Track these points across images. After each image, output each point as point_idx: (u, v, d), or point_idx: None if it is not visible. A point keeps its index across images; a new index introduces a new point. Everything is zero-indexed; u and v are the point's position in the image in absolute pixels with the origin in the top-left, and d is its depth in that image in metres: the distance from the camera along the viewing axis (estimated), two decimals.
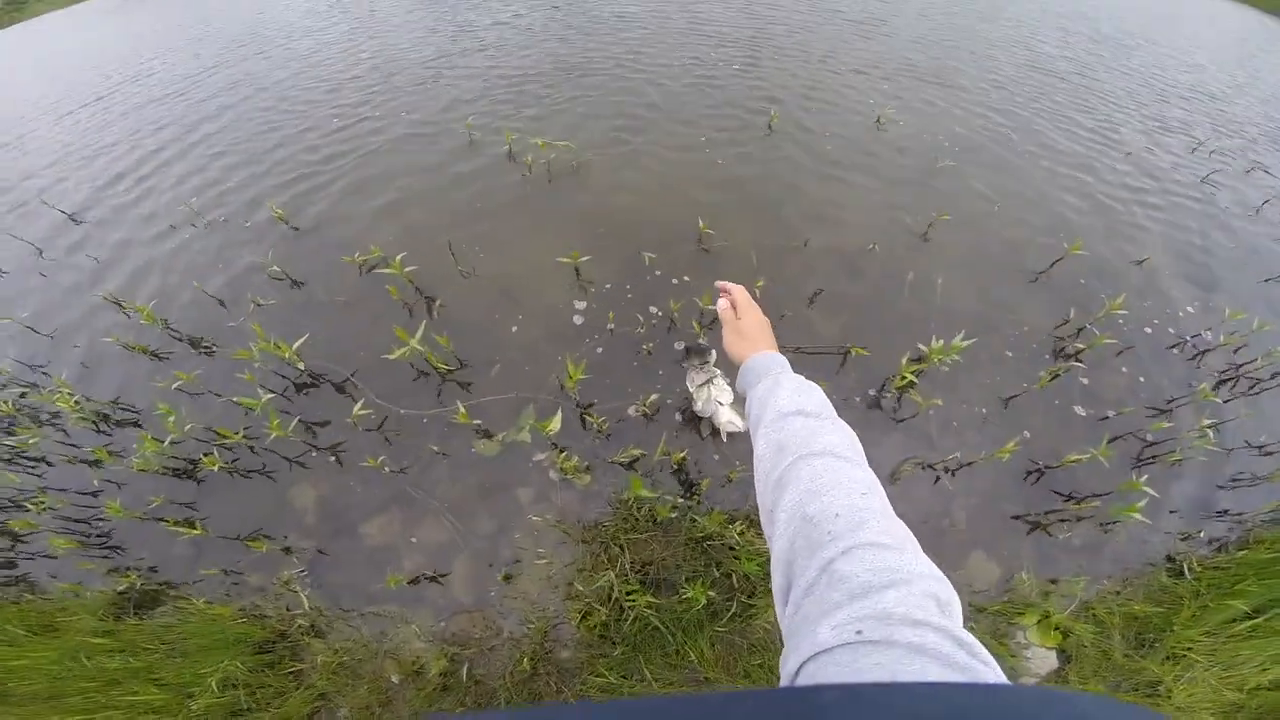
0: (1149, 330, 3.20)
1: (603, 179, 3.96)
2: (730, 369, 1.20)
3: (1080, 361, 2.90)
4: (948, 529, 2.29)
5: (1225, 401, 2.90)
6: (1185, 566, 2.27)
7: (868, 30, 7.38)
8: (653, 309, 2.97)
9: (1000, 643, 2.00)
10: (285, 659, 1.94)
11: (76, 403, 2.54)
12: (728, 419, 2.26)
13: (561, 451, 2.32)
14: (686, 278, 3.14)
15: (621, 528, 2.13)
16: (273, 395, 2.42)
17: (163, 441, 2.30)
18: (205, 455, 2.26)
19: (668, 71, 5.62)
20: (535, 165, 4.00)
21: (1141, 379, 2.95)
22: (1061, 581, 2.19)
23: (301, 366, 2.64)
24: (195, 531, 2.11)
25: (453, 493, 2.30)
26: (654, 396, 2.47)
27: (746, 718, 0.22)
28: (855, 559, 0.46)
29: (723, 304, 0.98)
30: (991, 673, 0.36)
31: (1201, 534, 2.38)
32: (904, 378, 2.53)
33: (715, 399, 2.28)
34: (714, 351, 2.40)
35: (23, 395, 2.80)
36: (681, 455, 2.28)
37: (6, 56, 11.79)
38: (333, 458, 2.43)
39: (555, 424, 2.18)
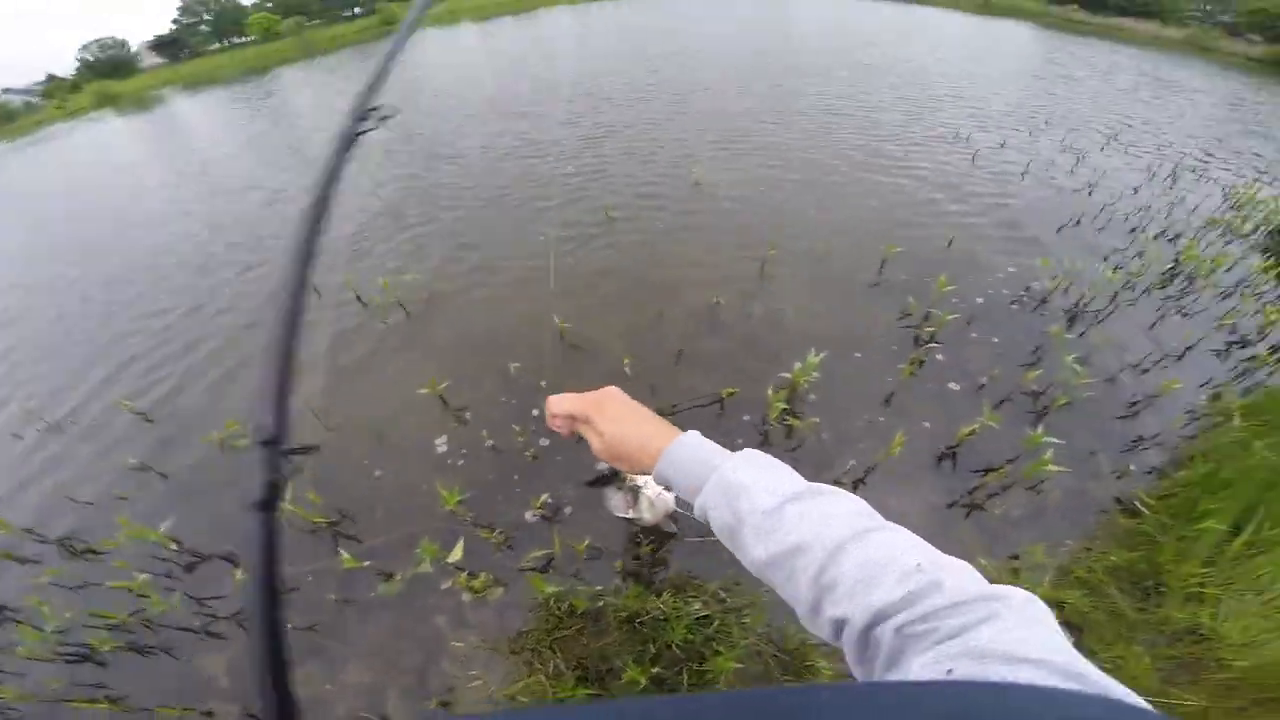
0: (980, 300, 3.58)
1: (455, 302, 4.05)
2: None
3: (937, 342, 3.18)
4: None
5: (1080, 335, 3.25)
6: (1137, 503, 2.30)
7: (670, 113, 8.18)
8: (533, 414, 2.98)
9: None
10: None
11: None
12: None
13: (465, 573, 2.20)
14: (551, 380, 3.18)
15: (545, 629, 2.03)
16: (149, 576, 2.35)
17: (43, 630, 2.26)
18: (94, 640, 2.21)
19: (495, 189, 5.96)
20: (385, 306, 4.01)
21: (995, 340, 3.25)
22: (1022, 555, 2.19)
23: (173, 546, 2.54)
24: (103, 706, 2.05)
25: (367, 636, 2.17)
26: (545, 496, 2.46)
27: (745, 718, 0.22)
28: (942, 599, 0.43)
29: (557, 424, 0.75)
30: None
31: (1132, 468, 2.50)
32: (776, 407, 2.65)
33: (657, 496, 2.18)
34: None
35: None
36: (584, 543, 2.24)
37: None
38: (237, 624, 2.30)
39: (458, 552, 2.10)
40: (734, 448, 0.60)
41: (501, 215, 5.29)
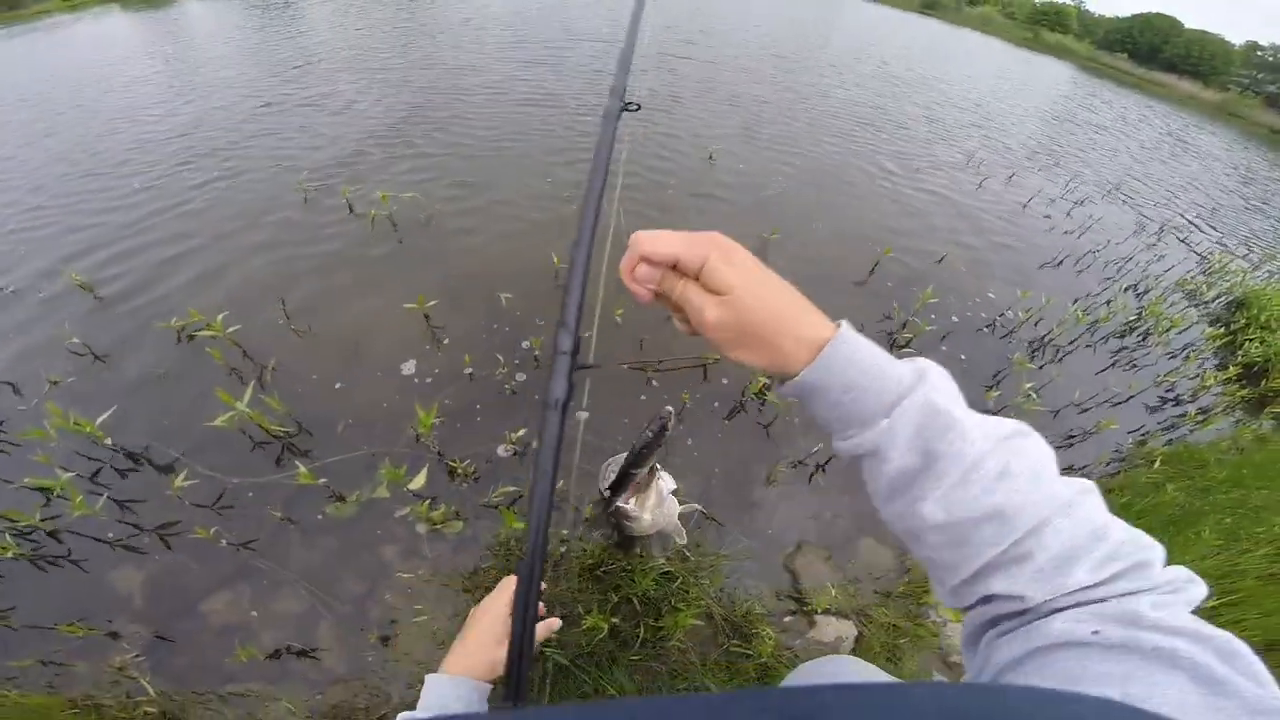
0: (956, 319, 3.73)
1: (453, 227, 3.93)
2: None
3: (910, 348, 3.31)
4: (832, 521, 2.44)
5: (1040, 367, 3.45)
6: None
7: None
8: (522, 345, 2.96)
9: (918, 624, 2.08)
10: None
11: None
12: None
13: (425, 502, 2.21)
14: (546, 318, 3.17)
15: (503, 569, 2.05)
16: (74, 475, 2.14)
17: None
18: None
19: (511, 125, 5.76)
20: (378, 219, 3.86)
21: (963, 357, 3.41)
22: None
23: (109, 443, 2.33)
24: None
25: (308, 560, 2.10)
26: (522, 432, 2.44)
27: (747, 717, 0.22)
28: (1144, 581, 0.38)
29: (642, 275, 0.47)
30: (1258, 690, 0.30)
31: None
32: (757, 382, 2.73)
33: (666, 496, 1.84)
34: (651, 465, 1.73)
35: None
36: (560, 485, 2.26)
37: None
38: (160, 539, 2.16)
39: (420, 480, 2.07)
40: (713, 419, 0.62)
41: (513, 157, 5.13)
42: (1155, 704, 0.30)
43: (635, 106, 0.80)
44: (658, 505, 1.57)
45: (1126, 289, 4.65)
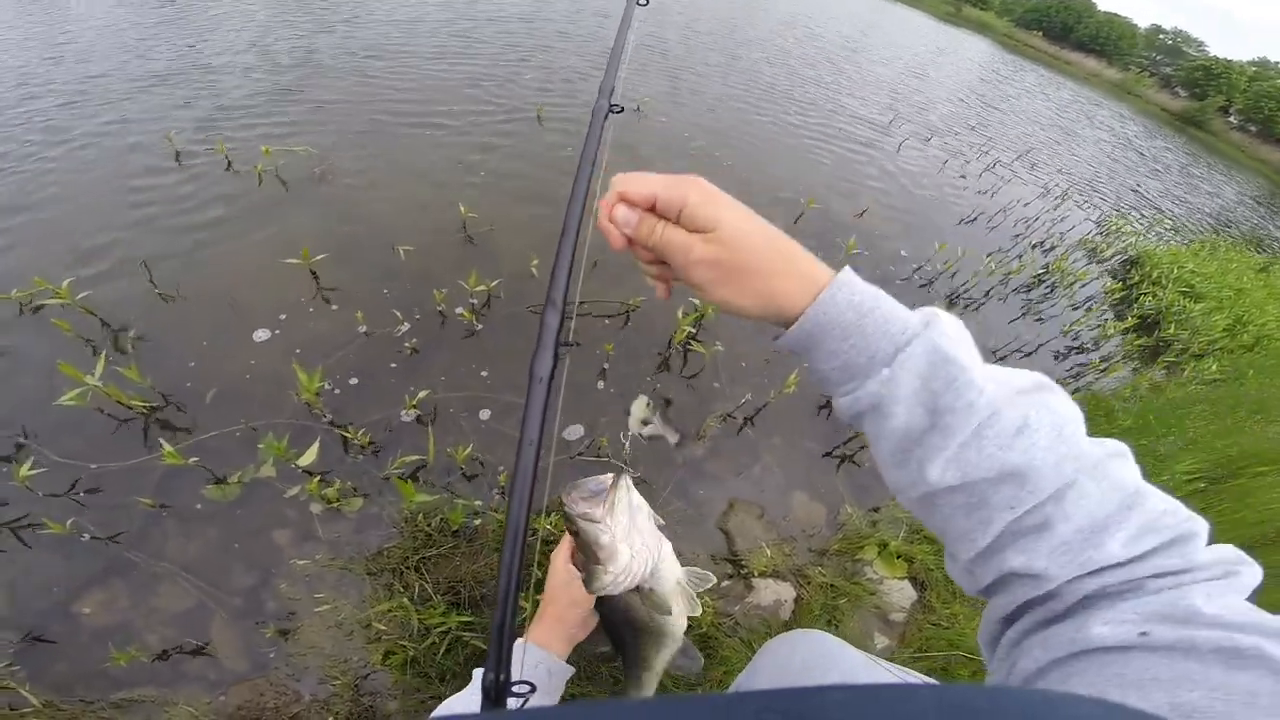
0: (878, 270, 3.80)
1: (348, 180, 3.57)
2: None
3: None
4: (763, 476, 2.39)
5: (958, 316, 3.60)
6: None
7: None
8: (433, 297, 2.72)
9: (854, 582, 2.05)
10: None
11: None
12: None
13: (318, 478, 1.98)
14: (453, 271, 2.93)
15: (411, 548, 1.89)
16: None
17: None
18: None
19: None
20: (264, 175, 3.44)
21: None
22: (882, 508, 2.36)
23: None
24: None
25: (187, 551, 1.87)
26: (424, 394, 2.25)
27: (753, 717, 0.21)
28: (1179, 560, 0.34)
29: (619, 217, 0.46)
30: None
31: None
32: (683, 330, 2.65)
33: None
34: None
35: None
36: (467, 450, 2.08)
37: None
38: (13, 534, 1.86)
39: (311, 454, 1.86)
40: (639, 369, 0.53)
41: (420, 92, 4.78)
42: (1219, 711, 0.27)
43: (619, 109, 0.75)
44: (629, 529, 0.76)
45: (1034, 246, 4.94)
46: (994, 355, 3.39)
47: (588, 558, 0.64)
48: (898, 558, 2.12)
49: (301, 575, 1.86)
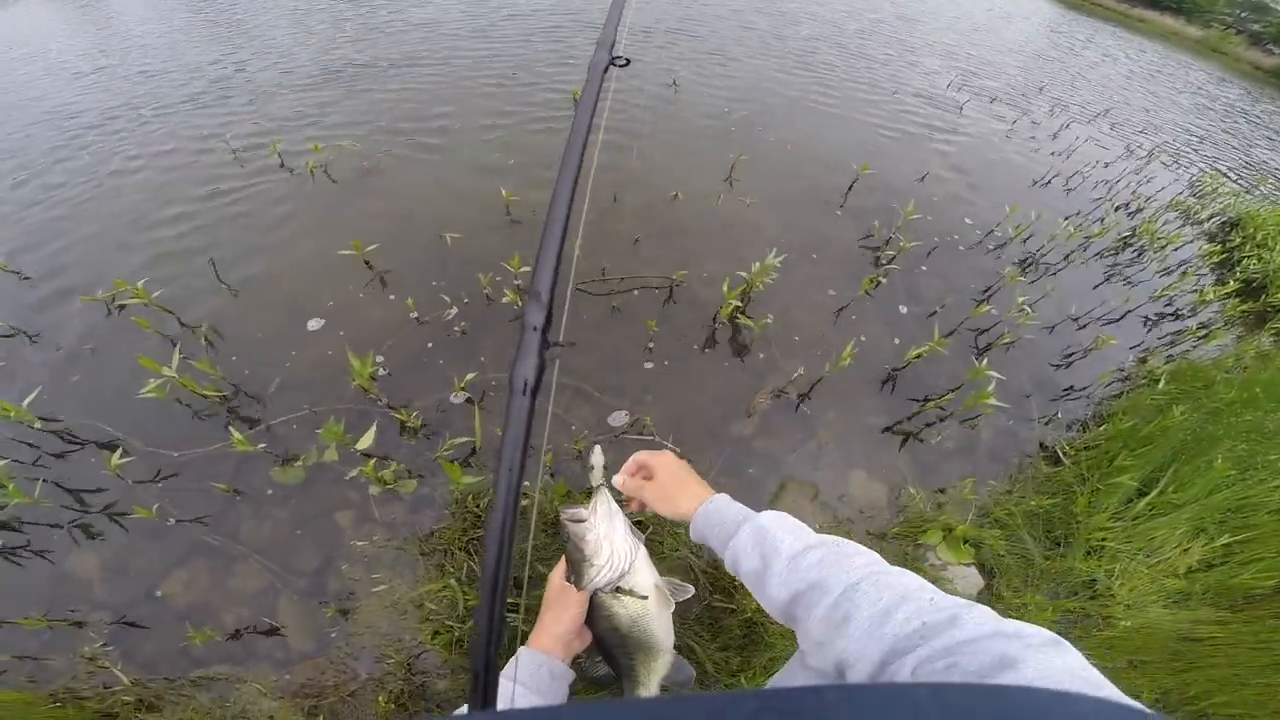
0: (945, 237, 3.54)
1: (394, 173, 3.67)
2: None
3: (895, 265, 3.13)
4: (820, 454, 2.27)
5: (1032, 282, 3.30)
6: (1059, 451, 2.34)
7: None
8: (478, 281, 2.77)
9: (916, 567, 1.83)
10: None
11: None
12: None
13: (373, 461, 2.04)
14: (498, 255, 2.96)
15: (460, 529, 1.91)
16: (6, 462, 1.99)
17: None
18: None
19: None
20: (315, 171, 3.59)
21: (950, 274, 3.25)
22: (949, 489, 2.18)
23: (37, 425, 2.14)
24: None
25: (260, 533, 1.97)
26: (470, 375, 2.26)
27: (749, 717, 0.22)
28: (960, 633, 0.43)
29: (623, 479, 0.85)
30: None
31: (1059, 415, 2.56)
32: (730, 304, 2.54)
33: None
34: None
35: None
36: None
37: None
38: (111, 520, 2.01)
39: (368, 438, 1.91)
40: (684, 345, 0.48)
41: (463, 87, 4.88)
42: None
43: (624, 61, 0.74)
44: (609, 529, 0.78)
45: (1118, 208, 4.47)
46: (1075, 322, 3.10)
47: (576, 556, 0.76)
48: (964, 543, 1.95)
49: (360, 556, 1.91)
